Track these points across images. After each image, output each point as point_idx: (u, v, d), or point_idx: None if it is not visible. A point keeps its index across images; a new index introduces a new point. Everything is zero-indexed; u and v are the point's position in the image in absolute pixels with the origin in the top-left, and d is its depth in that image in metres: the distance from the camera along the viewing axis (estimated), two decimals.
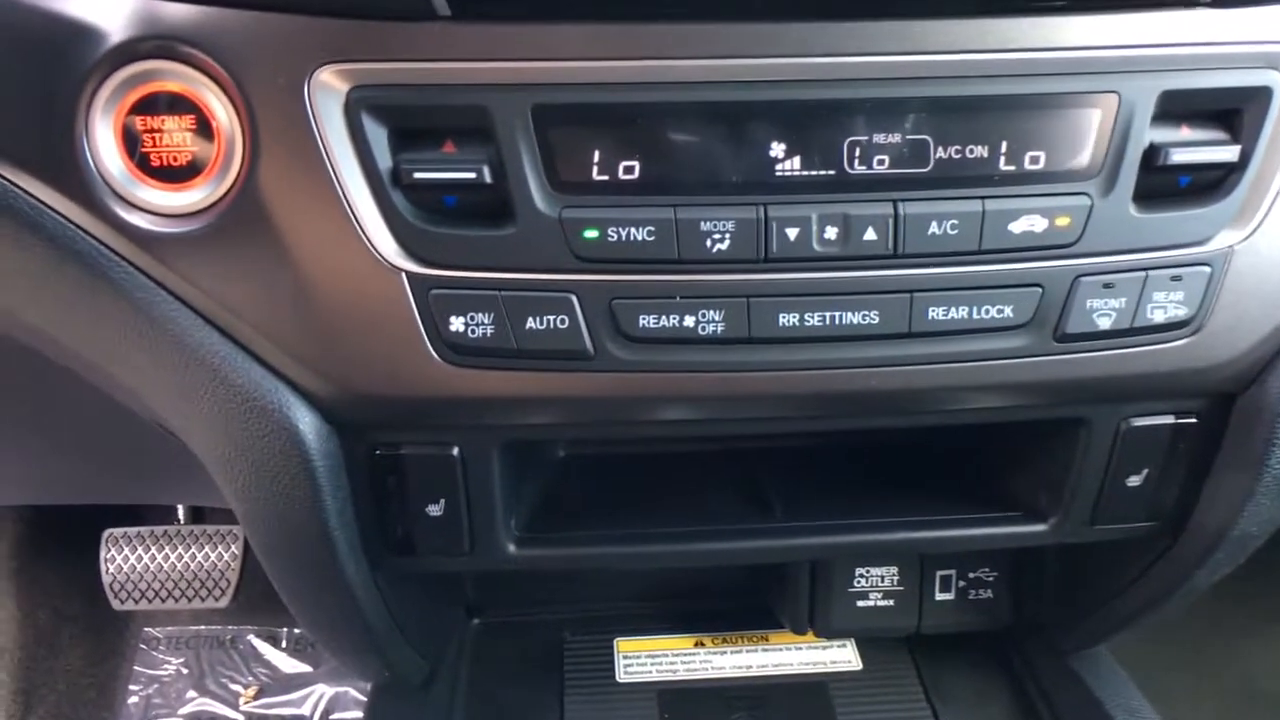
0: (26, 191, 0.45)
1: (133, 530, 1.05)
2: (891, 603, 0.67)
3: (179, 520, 1.06)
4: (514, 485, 0.52)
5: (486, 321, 0.43)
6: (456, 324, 0.43)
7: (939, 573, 0.66)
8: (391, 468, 0.49)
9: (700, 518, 0.55)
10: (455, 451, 0.48)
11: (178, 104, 0.43)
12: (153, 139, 0.43)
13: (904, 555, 0.65)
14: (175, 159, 0.44)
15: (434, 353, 0.44)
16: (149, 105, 0.43)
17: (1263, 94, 0.44)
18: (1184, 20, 0.43)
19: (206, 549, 1.03)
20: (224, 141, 0.43)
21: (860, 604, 0.66)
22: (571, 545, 0.54)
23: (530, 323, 0.43)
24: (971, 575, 0.67)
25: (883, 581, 0.66)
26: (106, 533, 1.04)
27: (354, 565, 0.50)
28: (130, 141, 0.43)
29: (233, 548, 1.03)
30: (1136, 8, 0.42)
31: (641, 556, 0.56)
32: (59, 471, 0.76)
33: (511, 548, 0.52)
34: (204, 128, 0.43)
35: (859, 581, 0.66)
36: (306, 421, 0.46)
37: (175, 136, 0.43)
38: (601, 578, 0.74)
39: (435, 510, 0.49)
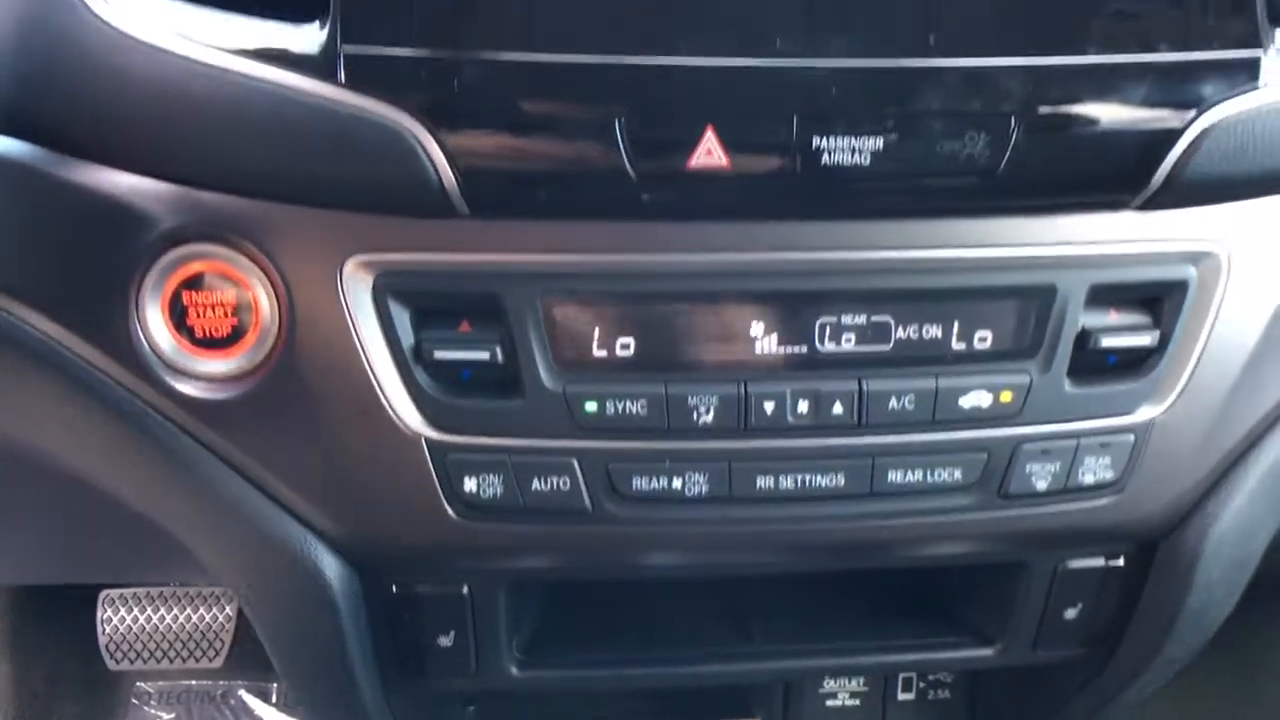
0: (80, 356, 0.50)
1: (129, 591, 1.08)
2: (858, 702, 0.73)
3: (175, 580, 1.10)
4: (516, 615, 0.56)
5: (496, 482, 0.48)
6: (470, 484, 0.48)
7: (901, 674, 0.72)
8: (407, 605, 0.54)
9: (687, 641, 0.61)
10: (465, 590, 0.53)
11: (220, 281, 0.48)
12: (197, 312, 0.48)
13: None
14: (217, 330, 0.48)
15: (449, 509, 0.49)
16: (194, 282, 0.48)
17: (1181, 286, 0.50)
18: (1113, 221, 0.49)
19: (201, 610, 1.06)
20: (262, 316, 0.48)
21: (829, 703, 0.72)
22: (569, 668, 0.58)
23: (536, 484, 0.48)
24: (931, 678, 0.72)
25: (850, 683, 0.72)
26: (104, 594, 1.07)
27: (368, 686, 0.55)
28: (176, 313, 0.48)
29: (227, 609, 1.07)
30: (1071, 211, 0.49)
31: (634, 678, 0.61)
32: (59, 553, 0.79)
33: (514, 670, 0.57)
34: (244, 303, 0.48)
35: (828, 683, 0.72)
36: (331, 566, 0.51)
37: (217, 310, 0.48)
38: None
39: (445, 641, 0.54)
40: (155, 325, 0.48)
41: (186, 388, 0.48)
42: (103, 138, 0.46)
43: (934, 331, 0.49)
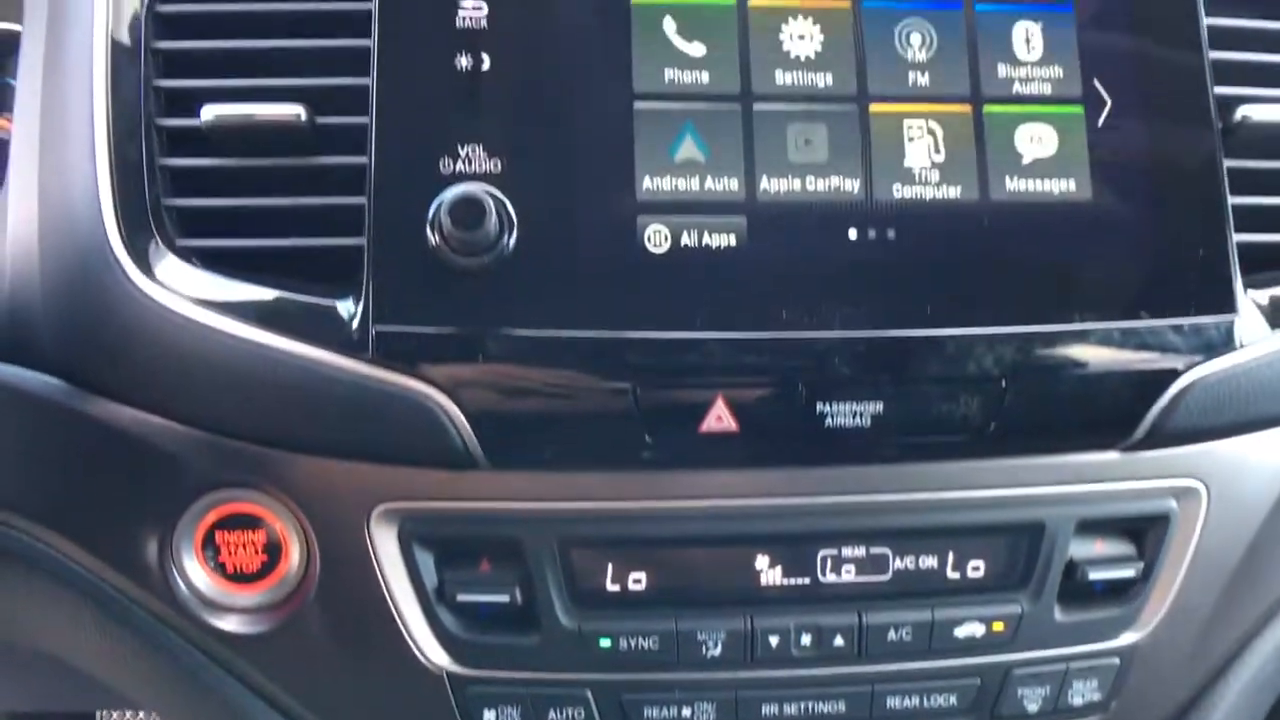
0: (112, 585, 0.52)
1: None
2: None
3: None
4: None
5: (515, 714, 0.50)
6: (489, 715, 0.50)
7: None
8: None
9: None
10: None
11: (252, 522, 0.50)
12: (229, 550, 0.51)
13: None
14: (248, 566, 0.51)
15: None
16: (226, 522, 0.50)
17: (1163, 519, 0.53)
18: (1098, 461, 0.52)
19: None
20: (291, 554, 0.50)
21: None
22: None
23: (552, 714, 0.51)
24: None
25: None
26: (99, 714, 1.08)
27: None
28: (208, 551, 0.51)
29: None
30: (1061, 452, 0.52)
31: None
32: (57, 681, 0.80)
33: None
34: (274, 540, 0.51)
35: None
36: None
37: (248, 549, 0.51)
38: None
39: None
40: (190, 564, 0.50)
41: (218, 621, 0.51)
42: (144, 392, 0.49)
43: (930, 563, 0.52)
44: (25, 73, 0.53)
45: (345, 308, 0.46)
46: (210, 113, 0.48)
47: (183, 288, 0.47)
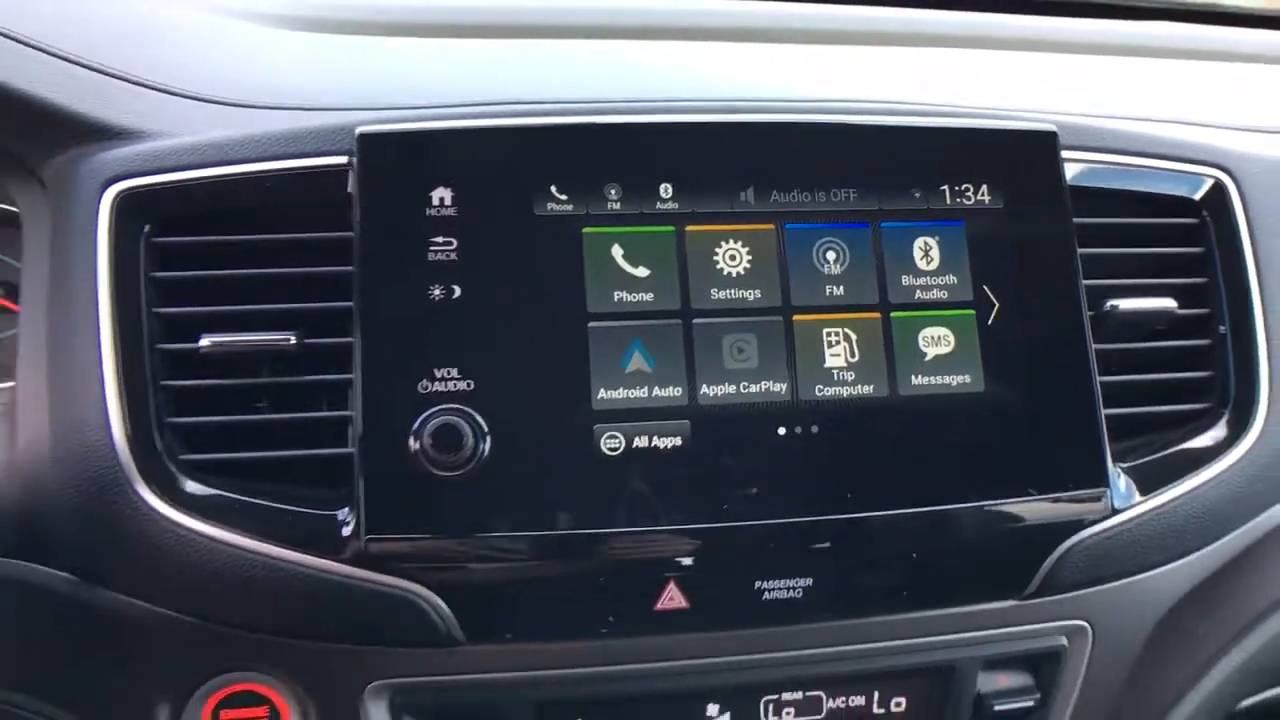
0: None
1: None
2: None
3: None
4: None
5: None
6: None
7: None
8: None
9: None
10: None
11: (255, 698, 0.56)
12: None
13: None
14: None
15: None
16: (230, 700, 0.56)
17: (1056, 654, 0.61)
18: (998, 610, 0.60)
19: None
20: None
21: None
22: None
23: None
24: None
25: None
26: None
27: None
28: None
29: None
30: (965, 603, 0.59)
31: None
32: None
33: None
34: (274, 713, 0.56)
35: None
36: None
37: None
38: None
39: None
40: None
41: None
42: (152, 591, 0.54)
43: (859, 701, 0.60)
44: (32, 295, 0.58)
45: (338, 518, 0.52)
46: (208, 341, 0.54)
47: (188, 502, 0.52)
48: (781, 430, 0.55)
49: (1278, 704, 0.76)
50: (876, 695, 0.60)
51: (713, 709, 0.58)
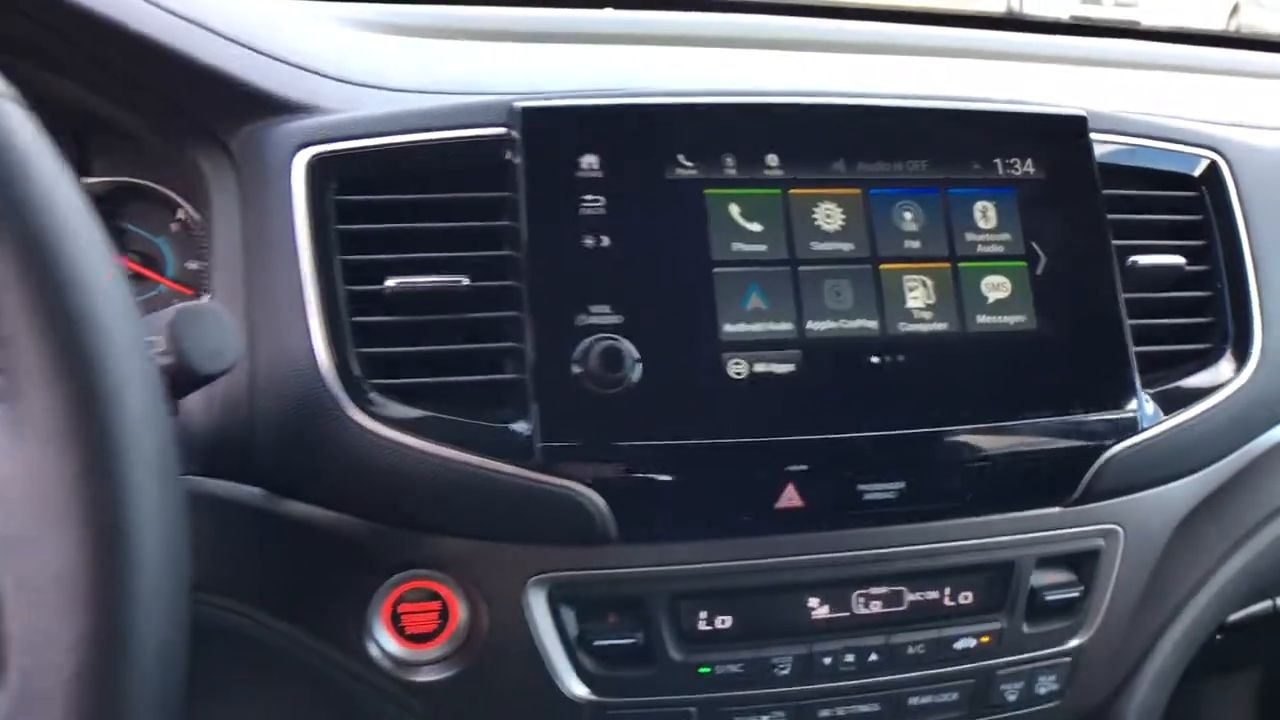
0: (313, 650, 0.65)
1: None
2: None
3: None
4: None
5: None
6: None
7: None
8: None
9: None
10: None
11: (429, 595, 0.64)
12: (409, 618, 0.64)
13: None
14: (423, 628, 0.65)
15: None
16: (407, 595, 0.64)
17: (1094, 553, 0.73)
18: (1048, 515, 0.71)
19: None
20: (459, 618, 0.65)
21: None
22: None
23: None
24: None
25: None
26: None
27: None
28: (393, 619, 0.64)
29: None
30: (1022, 509, 0.70)
31: None
32: None
33: None
34: (445, 608, 0.65)
35: None
36: None
37: (425, 616, 0.65)
38: None
39: None
40: (380, 632, 0.64)
41: (401, 674, 0.64)
42: (344, 498, 0.63)
43: (934, 595, 0.70)
44: (224, 249, 0.67)
45: (518, 429, 0.61)
46: (393, 282, 0.63)
47: (388, 419, 0.61)
48: (874, 359, 0.66)
49: (1259, 618, 0.89)
50: (948, 589, 0.70)
51: (813, 601, 0.68)
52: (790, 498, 0.64)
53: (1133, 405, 0.69)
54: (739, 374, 0.64)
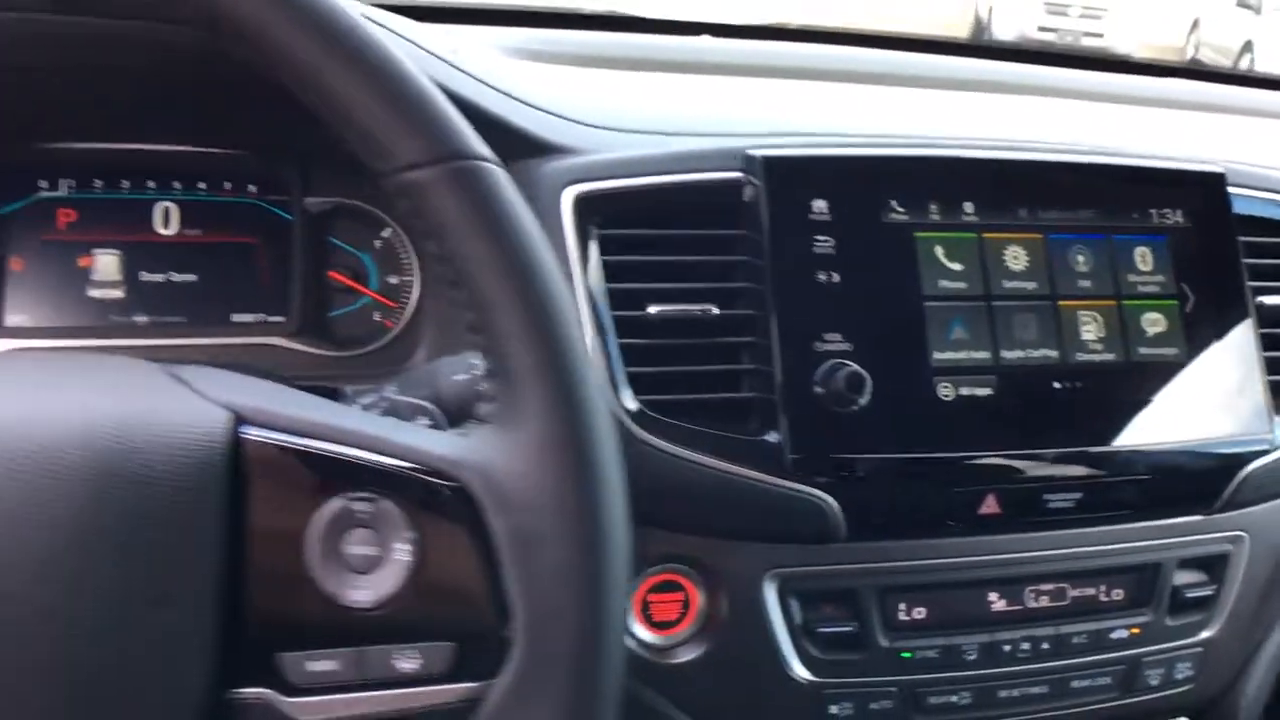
0: None
1: None
2: None
3: None
4: None
5: (850, 706, 0.74)
6: (833, 709, 0.74)
7: None
8: None
9: None
10: None
11: (674, 586, 0.72)
12: (656, 606, 0.72)
13: None
14: (667, 616, 0.72)
15: None
16: (655, 587, 0.72)
17: (1224, 557, 0.83)
18: (1190, 522, 0.81)
19: None
20: (699, 606, 0.73)
21: None
22: None
23: (872, 705, 0.75)
24: None
25: None
26: None
27: None
28: (644, 608, 0.72)
29: None
30: (1171, 518, 0.80)
31: None
32: None
33: None
34: (686, 597, 0.72)
35: None
36: None
37: (669, 605, 0.72)
38: None
39: None
40: (632, 621, 0.72)
41: (657, 659, 0.72)
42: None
43: (1092, 592, 0.80)
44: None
45: (769, 440, 0.70)
46: (655, 309, 0.71)
47: (660, 431, 0.69)
48: (1055, 384, 0.76)
49: None
50: (1104, 586, 0.80)
51: (993, 595, 0.78)
52: (990, 505, 0.74)
53: (1268, 428, 0.80)
54: (947, 396, 0.73)
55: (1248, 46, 9.18)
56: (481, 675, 0.45)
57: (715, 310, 0.72)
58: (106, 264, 0.86)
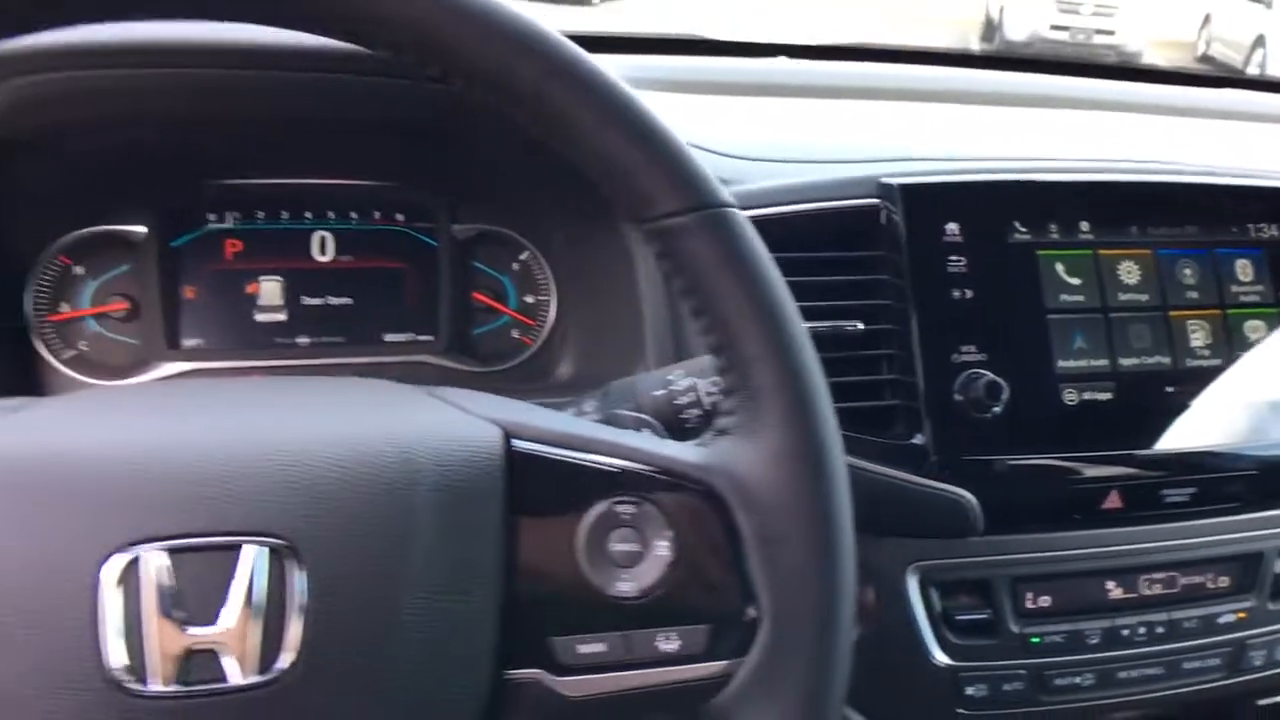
0: None
1: None
2: None
3: None
4: None
5: (985, 687, 0.81)
6: (969, 690, 0.81)
7: None
8: None
9: None
10: None
11: None
12: None
13: None
14: None
15: (957, 708, 0.80)
16: None
17: None
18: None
19: None
20: None
21: None
22: None
23: (1004, 686, 0.81)
24: None
25: None
26: None
27: None
28: None
29: None
30: (1270, 509, 0.86)
31: None
32: None
33: None
34: None
35: None
36: None
37: None
38: None
39: None
40: None
41: None
42: None
43: (1199, 579, 0.86)
44: (650, 293, 0.80)
45: (915, 443, 0.76)
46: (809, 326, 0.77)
47: None
48: (1168, 388, 0.82)
49: None
50: (1211, 574, 0.86)
51: (1110, 584, 0.84)
52: (1113, 500, 0.80)
53: None
54: (1072, 400, 0.80)
55: (1259, 41, 9.21)
56: (733, 654, 0.52)
57: (860, 326, 0.78)
58: (271, 290, 0.94)
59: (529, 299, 1.00)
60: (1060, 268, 0.82)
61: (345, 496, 0.48)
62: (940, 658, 0.81)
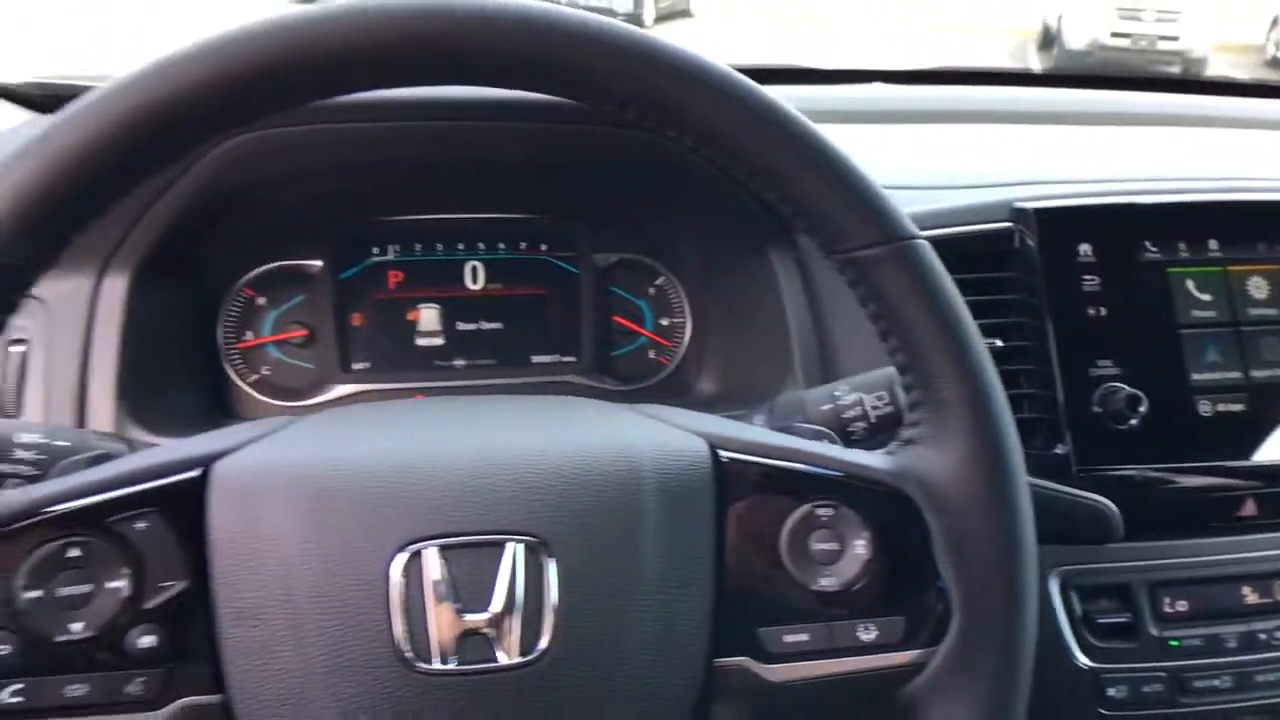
0: None
1: None
2: None
3: None
4: None
5: (1125, 689, 0.84)
6: (1110, 691, 0.83)
7: None
8: None
9: None
10: None
11: None
12: None
13: None
14: None
15: (1099, 709, 0.83)
16: None
17: None
18: None
19: None
20: None
21: None
22: None
23: (1144, 688, 0.84)
24: None
25: None
26: None
27: None
28: None
29: None
30: None
31: None
32: None
33: None
34: None
35: None
36: None
37: None
38: None
39: None
40: None
41: None
42: None
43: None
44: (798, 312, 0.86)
45: (1057, 453, 0.80)
46: None
47: None
48: None
49: None
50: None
51: (1245, 589, 0.86)
52: (1249, 507, 0.83)
53: None
54: (1206, 412, 0.83)
55: None
56: (927, 643, 0.57)
57: (999, 343, 0.83)
58: (429, 316, 1.01)
59: (664, 321, 1.06)
60: (1191, 284, 0.86)
61: (585, 500, 0.54)
62: (1082, 659, 0.84)
